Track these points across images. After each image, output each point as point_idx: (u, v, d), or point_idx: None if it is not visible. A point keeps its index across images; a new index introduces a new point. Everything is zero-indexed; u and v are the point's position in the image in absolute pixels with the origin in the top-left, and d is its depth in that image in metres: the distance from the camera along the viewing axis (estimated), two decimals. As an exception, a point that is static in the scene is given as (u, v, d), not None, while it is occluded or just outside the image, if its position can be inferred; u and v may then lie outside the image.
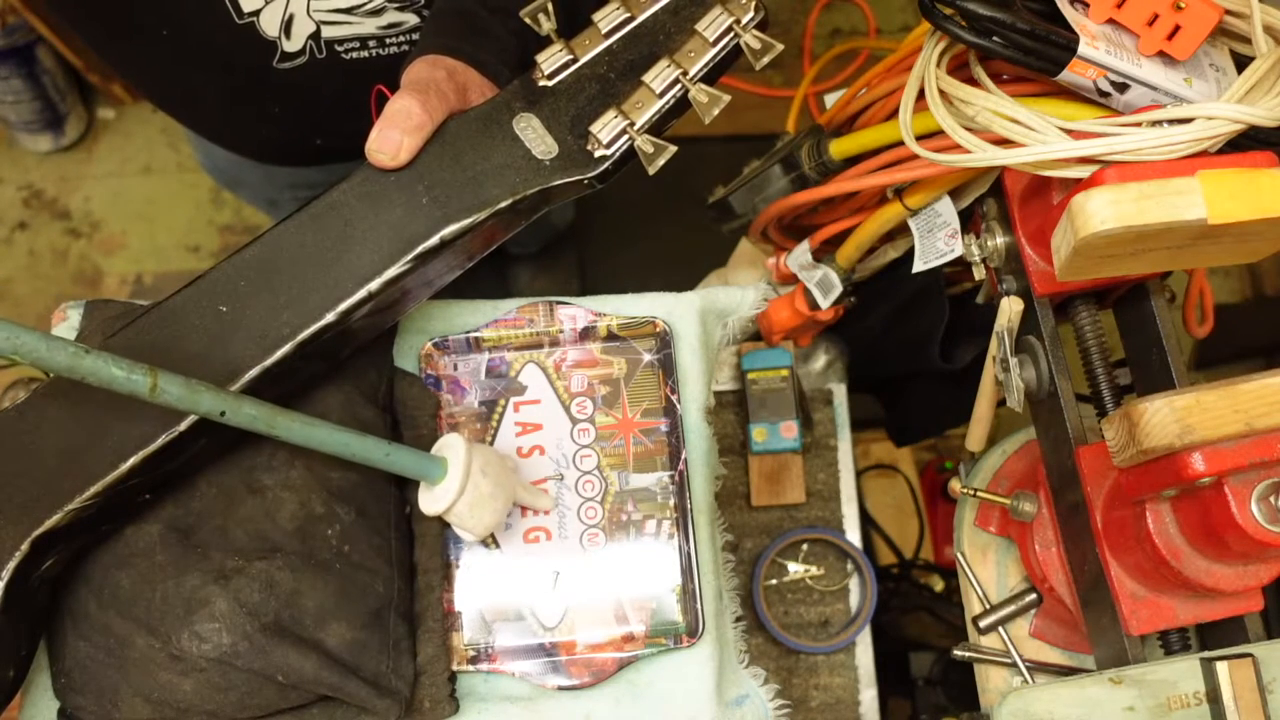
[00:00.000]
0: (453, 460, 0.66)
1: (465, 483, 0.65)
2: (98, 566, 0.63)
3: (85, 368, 0.49)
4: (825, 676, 0.97)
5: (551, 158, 0.63)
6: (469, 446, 0.66)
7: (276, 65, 0.84)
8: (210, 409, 0.54)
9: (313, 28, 0.82)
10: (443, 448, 0.67)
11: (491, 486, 0.67)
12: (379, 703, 0.66)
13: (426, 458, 0.66)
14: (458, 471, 0.65)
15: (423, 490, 0.67)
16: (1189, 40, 0.57)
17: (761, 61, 0.63)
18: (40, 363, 0.48)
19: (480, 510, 0.67)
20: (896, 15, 2.05)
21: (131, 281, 1.96)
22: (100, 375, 0.50)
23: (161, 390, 0.52)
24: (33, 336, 0.48)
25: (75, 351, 0.49)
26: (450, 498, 0.65)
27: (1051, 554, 0.70)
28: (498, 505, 0.68)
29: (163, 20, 0.79)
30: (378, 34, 0.84)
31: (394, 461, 0.63)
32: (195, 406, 0.54)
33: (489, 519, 0.68)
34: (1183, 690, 0.59)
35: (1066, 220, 0.54)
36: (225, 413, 0.55)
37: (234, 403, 0.55)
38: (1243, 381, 0.53)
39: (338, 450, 0.61)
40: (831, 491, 1.01)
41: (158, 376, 0.52)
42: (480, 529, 0.68)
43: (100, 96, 2.04)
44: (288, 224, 0.63)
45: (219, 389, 0.55)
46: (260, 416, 0.57)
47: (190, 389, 0.53)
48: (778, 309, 0.94)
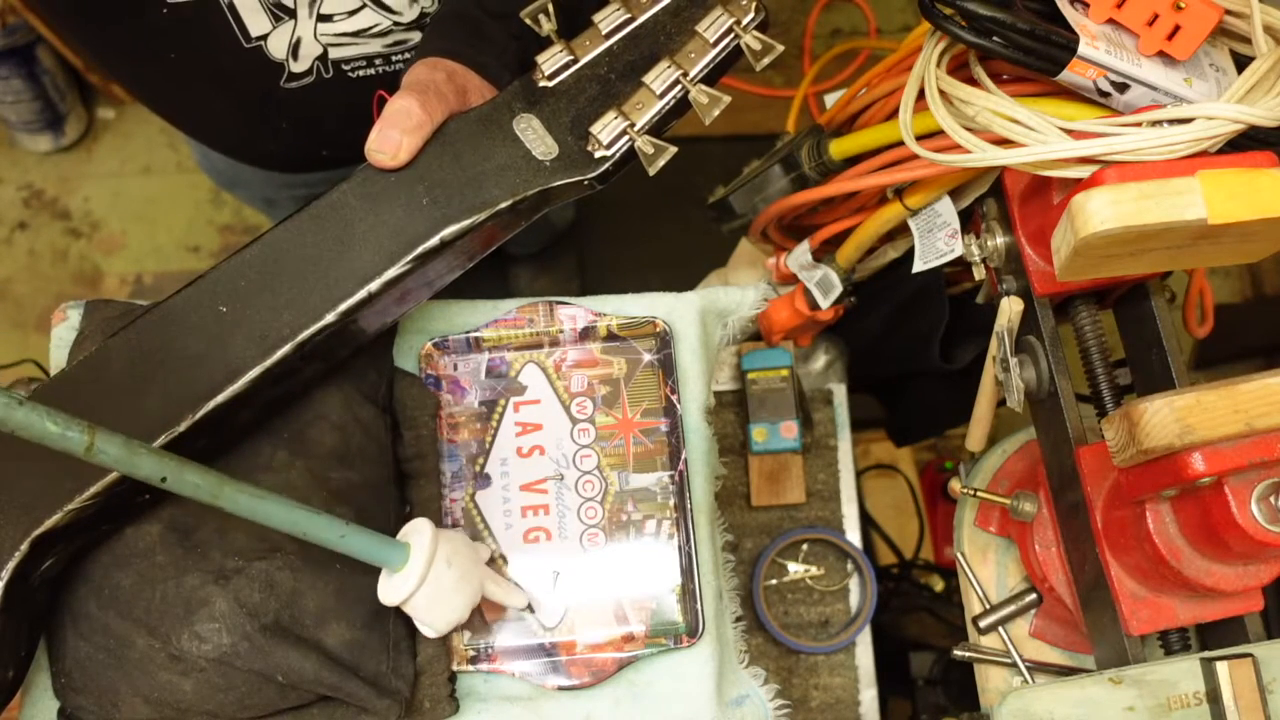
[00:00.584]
0: (415, 547, 0.62)
1: (426, 573, 0.61)
2: (98, 566, 0.63)
3: (17, 420, 0.45)
4: (825, 676, 0.97)
5: (552, 158, 0.63)
6: (435, 534, 0.63)
7: (284, 85, 0.85)
8: (150, 474, 0.50)
9: (320, 50, 0.83)
10: (408, 533, 0.64)
11: (456, 579, 0.63)
12: (379, 703, 0.66)
13: (386, 542, 0.61)
14: (420, 560, 0.61)
15: (383, 576, 0.63)
16: (1189, 40, 0.57)
17: (762, 62, 0.63)
18: None
19: (441, 605, 0.63)
20: (896, 15, 2.05)
21: (131, 281, 1.96)
22: (33, 429, 0.46)
23: (98, 450, 0.48)
24: None
25: (6, 402, 0.45)
26: (408, 589, 0.61)
27: (1051, 554, 0.70)
28: (461, 600, 0.64)
29: (171, 44, 0.80)
30: (384, 52, 0.85)
31: (349, 544, 0.59)
32: (134, 470, 0.50)
33: (450, 615, 0.64)
34: (1183, 690, 0.59)
35: (1066, 220, 0.54)
36: (166, 479, 0.50)
37: (176, 469, 0.51)
38: (1243, 381, 0.53)
39: (287, 528, 0.56)
40: (831, 491, 1.01)
41: (95, 435, 0.48)
42: (441, 624, 0.64)
43: (100, 96, 2.04)
44: (288, 224, 0.63)
45: (161, 453, 0.51)
46: (204, 486, 0.52)
47: (129, 450, 0.49)
48: (778, 309, 0.94)
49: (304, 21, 0.80)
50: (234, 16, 0.78)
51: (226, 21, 0.78)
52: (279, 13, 0.79)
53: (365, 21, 0.82)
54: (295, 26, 0.80)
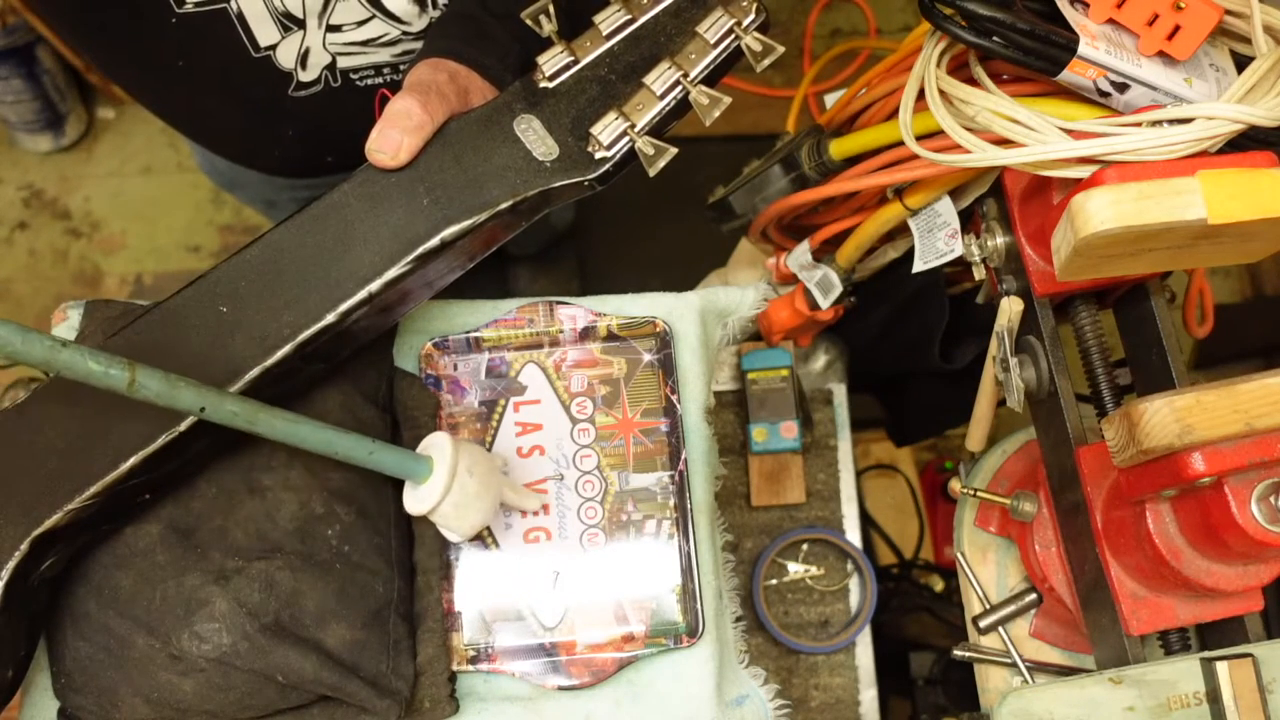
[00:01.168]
0: (438, 459, 0.65)
1: (451, 482, 0.64)
2: (98, 566, 0.63)
3: (61, 361, 0.48)
4: (825, 676, 0.97)
5: (552, 159, 0.63)
6: (456, 445, 0.65)
7: (291, 94, 0.85)
8: (189, 405, 0.53)
9: (328, 59, 0.83)
10: (429, 446, 0.66)
11: (478, 486, 0.66)
12: (379, 703, 0.66)
13: (411, 456, 0.65)
14: (443, 471, 0.64)
15: (408, 489, 0.66)
16: (1189, 40, 0.57)
17: (763, 64, 0.63)
18: (16, 355, 0.47)
19: (466, 510, 0.66)
20: (896, 15, 2.05)
21: (131, 281, 1.96)
22: (76, 369, 0.49)
23: (140, 385, 0.51)
24: (9, 329, 0.47)
25: (52, 345, 0.48)
26: (435, 498, 0.64)
27: (1051, 554, 0.70)
28: (484, 505, 0.67)
29: (179, 53, 0.80)
30: (392, 61, 0.85)
31: (378, 460, 0.62)
32: (174, 402, 0.52)
33: (474, 519, 0.67)
34: (1183, 690, 0.59)
35: (1066, 220, 0.54)
36: (205, 409, 0.54)
37: (214, 399, 0.54)
38: (1243, 381, 0.53)
39: (320, 448, 0.60)
40: (831, 491, 1.01)
41: (136, 371, 0.50)
42: (466, 529, 0.67)
43: (100, 96, 2.04)
44: (288, 225, 0.63)
45: (199, 384, 0.54)
46: (241, 413, 0.55)
47: (169, 384, 0.52)
48: (778, 309, 0.94)
49: (313, 31, 0.80)
50: (243, 26, 0.78)
51: (235, 31, 0.78)
52: (288, 23, 0.79)
53: (374, 31, 0.82)
54: (304, 36, 0.80)
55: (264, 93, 0.85)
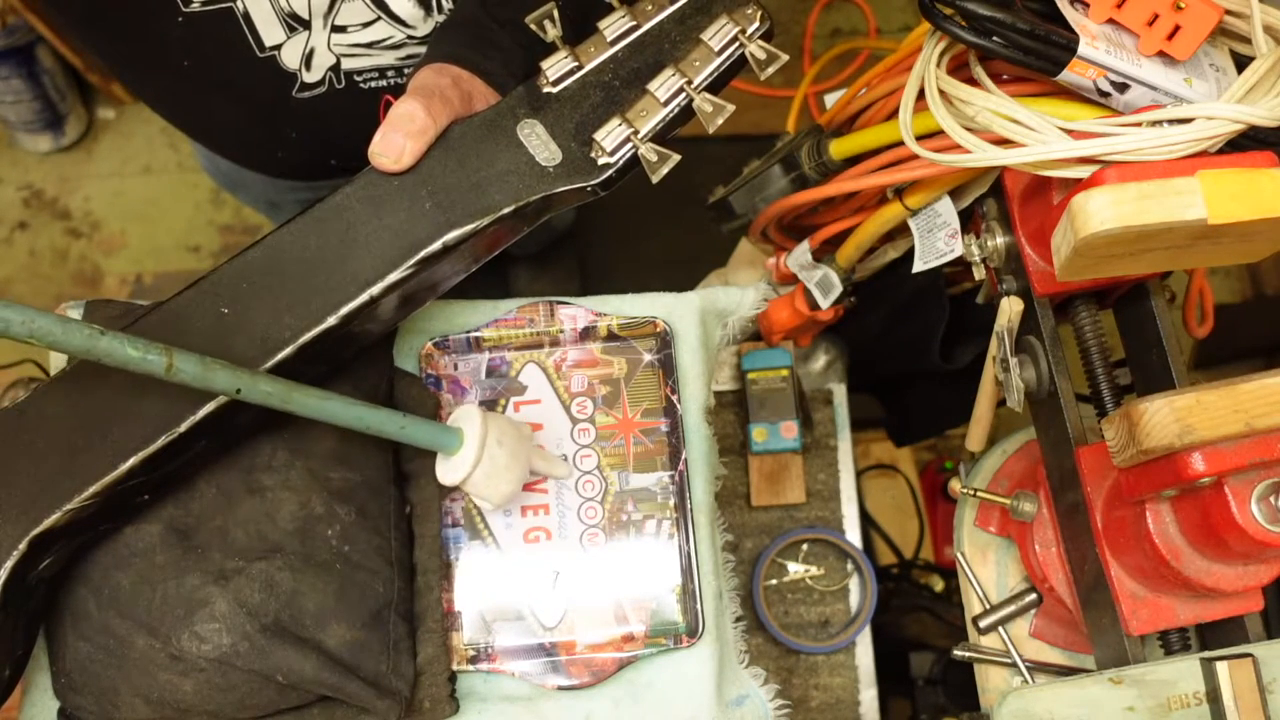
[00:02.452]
0: (469, 431, 0.66)
1: (481, 453, 0.65)
2: (97, 567, 0.63)
3: (101, 349, 0.50)
4: (825, 676, 0.97)
5: (555, 164, 0.63)
6: (484, 416, 0.66)
7: (295, 95, 0.85)
8: (226, 386, 0.55)
9: (333, 60, 0.83)
10: (459, 418, 0.67)
11: (507, 457, 0.67)
12: (379, 703, 0.66)
13: (442, 429, 0.66)
14: (474, 442, 0.65)
15: (440, 460, 0.67)
16: (1189, 40, 0.57)
17: (766, 71, 0.63)
18: (57, 345, 0.49)
19: (497, 480, 0.67)
20: (896, 15, 2.05)
21: (131, 281, 1.95)
22: (115, 355, 0.50)
23: (177, 369, 0.52)
24: (48, 319, 0.48)
25: (91, 333, 0.49)
26: (467, 468, 0.65)
27: (1051, 554, 0.70)
28: (514, 475, 0.68)
29: (185, 53, 0.80)
30: (396, 64, 0.85)
31: (409, 434, 0.63)
32: (210, 384, 0.54)
33: (506, 488, 0.68)
34: (1183, 690, 0.59)
35: (1066, 220, 0.54)
36: (241, 390, 0.55)
37: (249, 380, 0.55)
38: (1243, 381, 0.53)
39: (352, 424, 0.61)
40: (831, 491, 1.01)
41: (173, 356, 0.52)
42: (498, 498, 0.68)
43: (100, 96, 2.04)
44: (290, 227, 0.63)
45: (233, 366, 0.55)
46: (275, 393, 0.57)
47: (205, 367, 0.54)
48: (778, 309, 0.94)
49: (318, 32, 0.80)
50: (249, 26, 0.78)
51: (241, 31, 0.78)
52: (294, 23, 0.79)
53: (379, 34, 0.82)
54: (309, 37, 0.80)
55: (268, 93, 0.85)
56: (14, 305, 0.48)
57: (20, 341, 0.48)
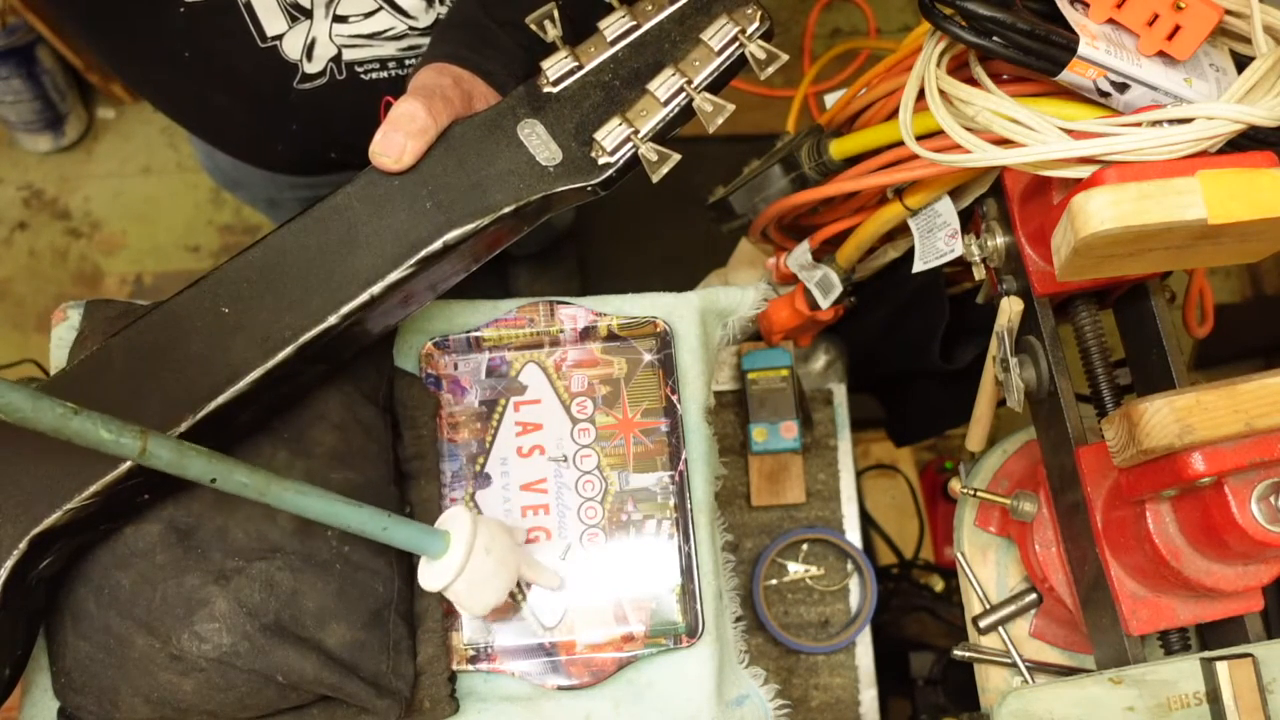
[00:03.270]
0: (455, 536, 0.64)
1: (466, 561, 0.63)
2: (98, 566, 0.63)
3: (72, 429, 0.48)
4: (825, 676, 0.97)
5: (555, 164, 0.63)
6: (474, 521, 0.64)
7: (296, 86, 0.85)
8: (200, 474, 0.53)
9: (334, 51, 0.83)
10: (447, 521, 0.65)
11: (494, 565, 0.65)
12: (379, 703, 0.66)
13: (428, 532, 0.63)
14: (460, 549, 0.63)
15: (423, 563, 0.65)
16: (1189, 40, 0.57)
17: (766, 71, 0.63)
18: (26, 422, 0.47)
19: (480, 589, 0.65)
20: (896, 15, 2.05)
21: (131, 281, 1.96)
22: (87, 437, 0.48)
23: (151, 454, 0.51)
24: (19, 395, 0.46)
25: (63, 413, 0.47)
26: (449, 576, 0.63)
27: (1051, 554, 0.70)
28: (499, 585, 0.66)
29: (186, 43, 0.80)
30: (398, 55, 0.85)
31: (391, 535, 0.61)
32: (184, 471, 0.52)
33: (489, 599, 0.66)
34: (1183, 690, 0.59)
35: (1066, 220, 0.54)
36: (216, 480, 0.53)
37: (225, 469, 0.54)
38: (1243, 381, 0.53)
39: (331, 522, 0.59)
40: (831, 491, 1.01)
41: (148, 440, 0.50)
42: (479, 608, 0.66)
43: (100, 96, 2.04)
44: (291, 226, 0.63)
45: (210, 453, 0.53)
46: (251, 484, 0.55)
47: (180, 454, 0.52)
48: (778, 309, 0.94)
49: (320, 22, 0.80)
50: (250, 16, 0.78)
51: (243, 21, 0.78)
52: (295, 13, 0.79)
53: (381, 24, 0.82)
54: (311, 27, 0.80)
55: (269, 84, 0.85)
56: None
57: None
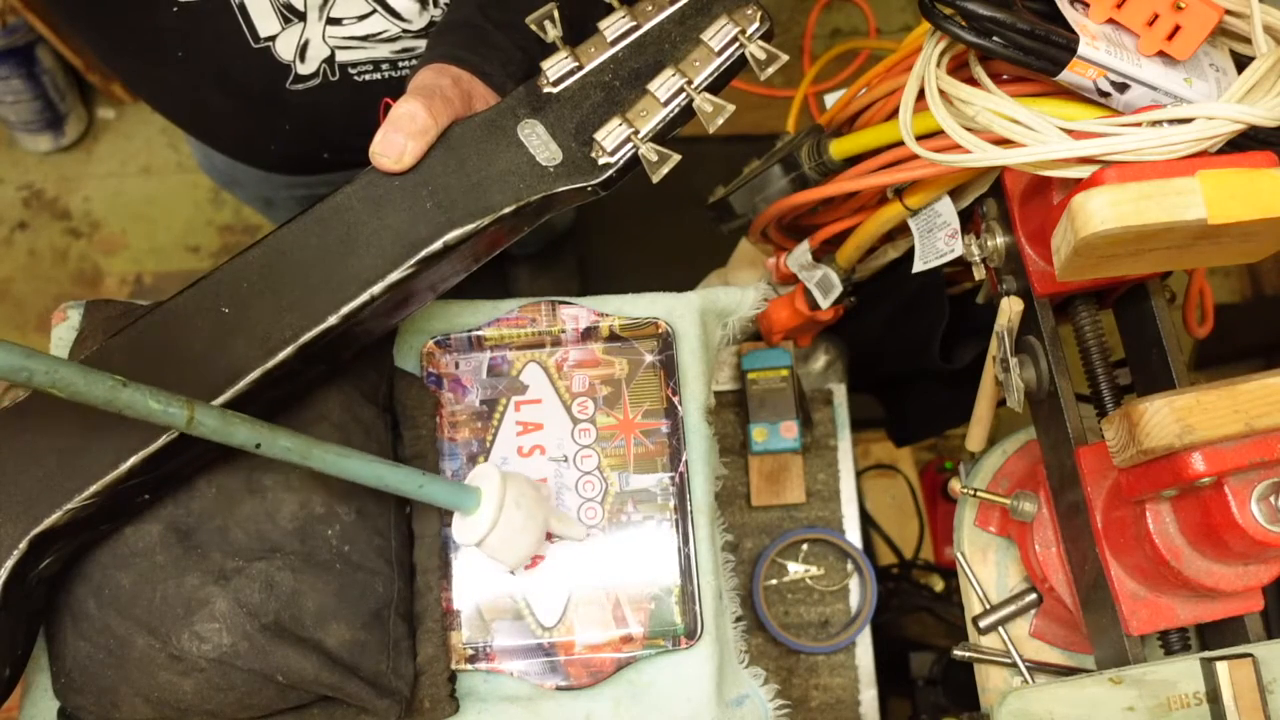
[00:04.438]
0: (486, 492, 0.66)
1: (499, 515, 0.65)
2: (97, 566, 0.63)
3: (122, 401, 0.50)
4: (825, 676, 0.97)
5: (555, 164, 0.63)
6: (503, 477, 0.66)
7: (289, 86, 0.85)
8: (245, 441, 0.55)
9: (327, 52, 0.83)
10: (477, 477, 0.67)
11: (524, 518, 0.67)
12: (379, 703, 0.66)
13: (460, 488, 0.66)
14: (492, 503, 0.65)
15: (456, 519, 0.68)
16: (1189, 40, 0.57)
17: (766, 72, 0.63)
18: (78, 396, 0.49)
19: (513, 542, 0.67)
20: (896, 15, 2.05)
21: (131, 281, 1.96)
22: (137, 408, 0.51)
23: (198, 422, 0.53)
24: (71, 370, 0.48)
25: (113, 385, 0.50)
26: (484, 529, 0.65)
27: (1051, 554, 0.70)
28: (531, 537, 0.68)
29: (179, 43, 0.80)
30: (391, 57, 0.85)
31: (427, 493, 0.64)
32: (229, 438, 0.55)
33: (522, 551, 0.68)
34: (1183, 690, 0.59)
35: (1066, 220, 0.54)
36: (260, 445, 0.56)
37: (269, 435, 0.56)
38: (1243, 381, 0.53)
39: (371, 481, 0.61)
40: (831, 491, 1.01)
41: (194, 409, 0.53)
42: (513, 560, 0.68)
43: (100, 96, 2.04)
44: (291, 226, 0.63)
45: (253, 421, 0.56)
46: (294, 449, 0.57)
47: (225, 421, 0.54)
48: (778, 309, 0.94)
49: (313, 24, 0.80)
50: (244, 17, 0.78)
51: (236, 22, 0.78)
52: (289, 14, 0.79)
53: (374, 27, 0.82)
54: (304, 29, 0.80)
55: (262, 85, 0.85)
56: (38, 354, 0.48)
57: (43, 390, 0.48)
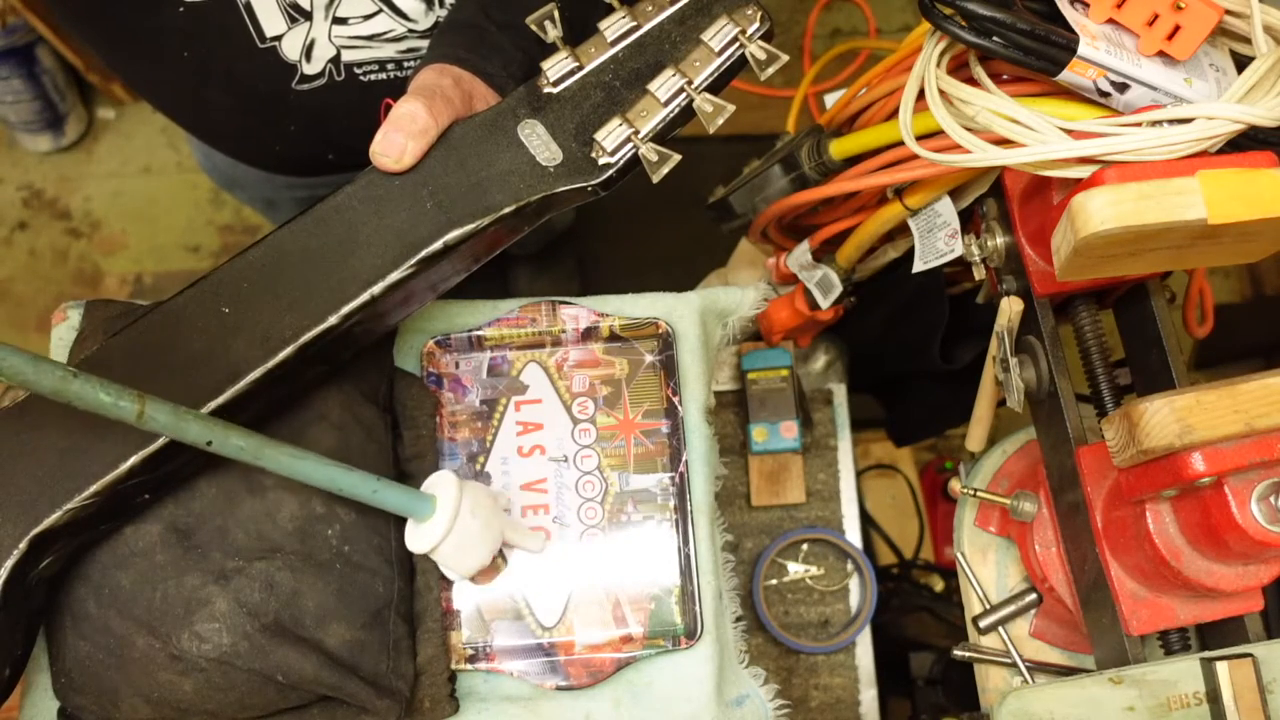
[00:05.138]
0: (442, 499, 0.65)
1: (453, 524, 0.64)
2: (97, 566, 0.63)
3: (72, 392, 0.49)
4: (825, 676, 0.97)
5: (555, 164, 0.63)
6: (460, 485, 0.65)
7: (295, 87, 0.85)
8: (196, 438, 0.54)
9: (333, 52, 0.83)
10: (433, 484, 0.66)
11: (480, 528, 0.66)
12: (379, 703, 0.66)
13: (414, 495, 0.65)
14: (446, 511, 0.64)
15: (410, 526, 0.66)
16: (1189, 40, 0.57)
17: (766, 72, 0.63)
18: (27, 384, 0.48)
19: (466, 551, 0.66)
20: (896, 15, 2.05)
21: (131, 281, 1.96)
22: (86, 399, 0.49)
23: (149, 417, 0.51)
24: (20, 358, 0.47)
25: (63, 375, 0.49)
26: (436, 537, 0.64)
27: (1051, 554, 0.70)
28: (484, 549, 0.67)
29: (185, 43, 0.80)
30: (396, 57, 0.85)
31: (381, 498, 0.62)
32: (182, 434, 0.53)
33: (474, 560, 0.67)
34: (1183, 690, 0.59)
35: (1066, 220, 0.54)
36: (212, 442, 0.54)
37: (221, 433, 0.55)
38: (1243, 381, 0.53)
39: (323, 484, 0.60)
40: (831, 491, 1.01)
41: (145, 404, 0.51)
42: (464, 570, 0.67)
43: (100, 96, 2.04)
44: (291, 226, 0.63)
45: (207, 418, 0.54)
46: (247, 448, 0.56)
47: (177, 417, 0.53)
48: (778, 309, 0.94)
49: (319, 23, 0.80)
50: (250, 17, 0.78)
51: (242, 21, 0.78)
52: (295, 14, 0.79)
53: (380, 26, 0.82)
54: (310, 28, 0.80)
55: (267, 85, 0.85)
56: None
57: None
